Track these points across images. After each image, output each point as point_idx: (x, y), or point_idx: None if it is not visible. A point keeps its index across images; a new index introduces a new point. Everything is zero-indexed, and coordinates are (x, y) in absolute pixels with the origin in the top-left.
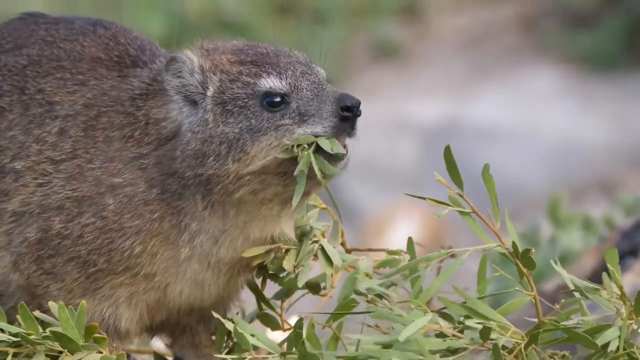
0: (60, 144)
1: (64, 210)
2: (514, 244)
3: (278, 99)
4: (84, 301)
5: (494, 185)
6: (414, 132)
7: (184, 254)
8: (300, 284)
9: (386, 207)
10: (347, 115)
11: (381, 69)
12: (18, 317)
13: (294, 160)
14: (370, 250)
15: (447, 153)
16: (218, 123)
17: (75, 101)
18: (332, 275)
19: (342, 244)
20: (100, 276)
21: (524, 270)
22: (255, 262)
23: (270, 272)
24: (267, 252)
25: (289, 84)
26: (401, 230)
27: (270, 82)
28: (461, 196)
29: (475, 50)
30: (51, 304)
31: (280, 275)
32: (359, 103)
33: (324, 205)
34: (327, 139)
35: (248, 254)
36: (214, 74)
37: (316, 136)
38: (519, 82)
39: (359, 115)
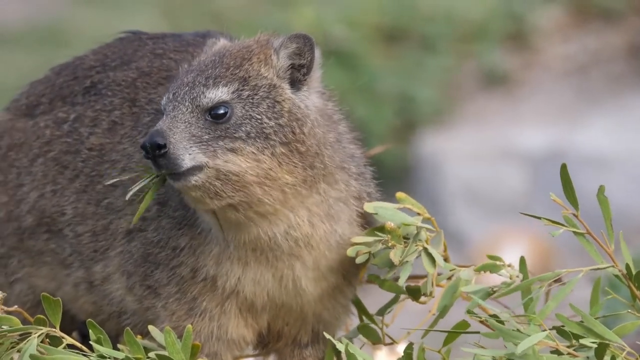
0: None
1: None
2: (627, 266)
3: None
4: (190, 325)
5: (609, 206)
6: (520, 159)
7: (215, 250)
8: (402, 280)
9: (492, 233)
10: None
11: (488, 96)
12: (119, 345)
13: None
14: (471, 265)
15: (564, 172)
16: None
17: None
18: (433, 278)
19: (445, 259)
20: (187, 287)
21: (637, 292)
22: (361, 255)
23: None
24: (374, 242)
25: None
26: (508, 256)
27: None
28: (576, 216)
29: (582, 77)
30: (151, 328)
31: (382, 277)
32: (149, 144)
33: (427, 215)
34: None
35: (355, 240)
36: None
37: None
38: (626, 109)
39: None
